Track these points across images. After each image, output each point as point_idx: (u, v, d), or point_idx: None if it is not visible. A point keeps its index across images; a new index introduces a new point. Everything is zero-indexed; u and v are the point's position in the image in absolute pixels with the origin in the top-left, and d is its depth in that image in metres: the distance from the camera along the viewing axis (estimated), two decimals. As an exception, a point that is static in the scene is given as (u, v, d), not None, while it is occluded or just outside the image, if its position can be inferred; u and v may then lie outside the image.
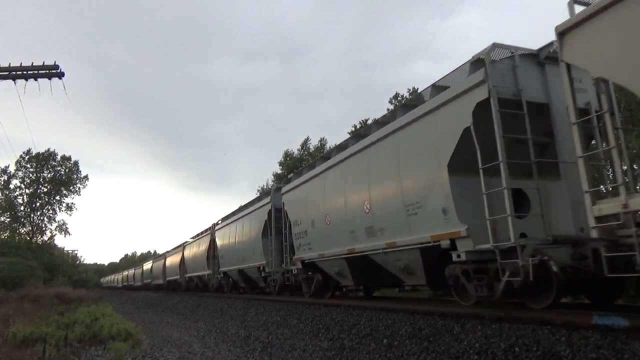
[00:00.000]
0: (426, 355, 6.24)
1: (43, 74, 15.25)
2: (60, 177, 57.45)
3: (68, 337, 10.24)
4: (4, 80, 15.11)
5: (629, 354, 4.48)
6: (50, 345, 9.05)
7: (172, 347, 9.98)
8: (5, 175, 54.82)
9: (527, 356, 5.18)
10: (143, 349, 9.45)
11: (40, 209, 56.99)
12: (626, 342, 4.68)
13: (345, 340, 7.90)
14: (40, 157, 55.80)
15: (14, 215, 54.18)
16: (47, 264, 46.04)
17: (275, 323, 10.89)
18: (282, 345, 8.69)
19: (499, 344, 5.66)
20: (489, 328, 6.21)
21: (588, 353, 4.72)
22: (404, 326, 7.47)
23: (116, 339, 10.33)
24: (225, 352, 9.01)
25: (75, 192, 58.43)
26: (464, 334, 6.33)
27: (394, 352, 6.68)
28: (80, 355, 8.95)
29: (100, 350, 9.53)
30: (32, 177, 56.38)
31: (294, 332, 9.55)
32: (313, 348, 8.03)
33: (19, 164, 55.24)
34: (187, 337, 11.63)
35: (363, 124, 32.80)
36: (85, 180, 58.90)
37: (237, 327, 11.79)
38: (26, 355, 8.62)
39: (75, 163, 58.51)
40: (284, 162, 40.91)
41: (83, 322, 12.83)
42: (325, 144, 38.46)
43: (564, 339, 5.16)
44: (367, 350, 7.12)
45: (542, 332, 5.52)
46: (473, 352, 5.75)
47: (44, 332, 10.48)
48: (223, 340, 10.44)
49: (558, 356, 4.91)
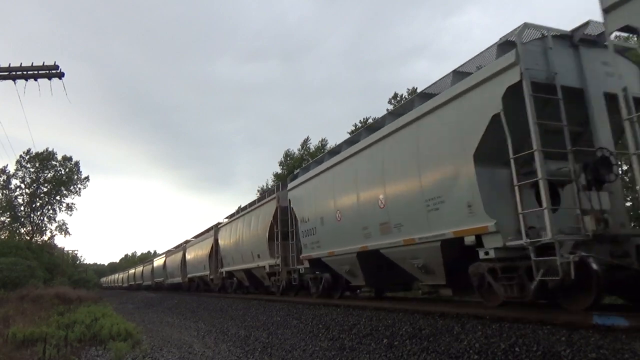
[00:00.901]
0: (426, 355, 6.24)
1: (43, 74, 15.21)
2: (60, 177, 57.51)
3: (68, 337, 10.25)
4: (4, 80, 15.10)
5: (629, 354, 4.48)
6: (50, 346, 9.05)
7: (172, 347, 9.98)
8: (5, 175, 54.98)
9: (527, 356, 5.18)
10: (143, 349, 9.45)
11: (40, 209, 57.11)
12: (626, 342, 4.68)
13: (346, 341, 7.91)
14: (40, 157, 55.86)
15: (14, 215, 54.22)
16: (47, 264, 46.07)
17: (275, 323, 10.90)
18: (282, 346, 8.69)
19: (499, 344, 5.66)
20: (489, 328, 6.22)
21: (588, 353, 4.73)
22: (404, 326, 7.48)
23: (116, 339, 10.33)
24: (225, 352, 9.01)
25: (75, 192, 58.62)
26: (464, 334, 6.33)
27: (394, 352, 6.68)
28: (80, 355, 8.96)
29: (100, 350, 9.54)
30: (32, 177, 56.50)
31: (294, 332, 9.56)
32: (313, 348, 8.03)
33: (19, 164, 55.38)
34: (187, 337, 11.63)
35: (363, 123, 32.83)
36: (86, 181, 59.13)
37: (237, 327, 11.79)
38: (26, 355, 8.63)
39: (76, 163, 58.71)
40: (284, 162, 40.97)
41: (83, 322, 12.84)
42: (326, 144, 38.55)
43: (564, 339, 5.17)
44: (367, 350, 7.12)
45: (542, 332, 5.53)
46: (473, 352, 5.75)
47: (44, 332, 10.49)
48: (223, 341, 10.44)
49: (558, 356, 4.91)
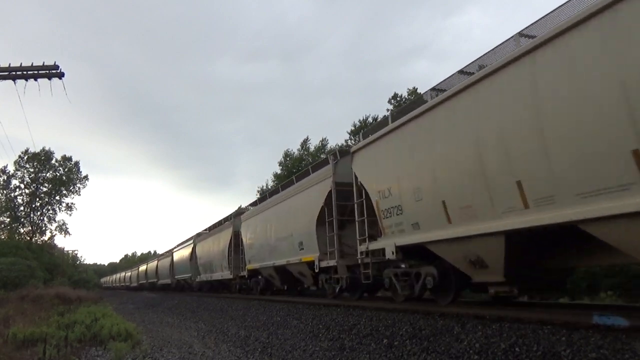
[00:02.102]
0: (426, 355, 6.24)
1: (43, 74, 15.20)
2: (60, 177, 57.53)
3: (68, 338, 10.25)
4: (4, 80, 15.09)
5: (629, 354, 4.48)
6: (50, 346, 9.06)
7: (172, 347, 9.98)
8: (5, 175, 54.98)
9: (527, 356, 5.18)
10: (143, 349, 9.45)
11: (40, 209, 57.10)
12: (626, 342, 4.68)
13: (346, 341, 7.91)
14: (38, 157, 55.86)
15: (13, 215, 54.23)
16: (47, 264, 46.07)
17: (275, 323, 10.90)
18: (282, 346, 8.69)
19: (499, 344, 5.66)
20: (489, 328, 6.22)
21: (588, 353, 4.73)
22: (404, 326, 7.48)
23: (116, 339, 10.34)
24: (225, 352, 9.01)
25: (75, 192, 58.63)
26: (464, 334, 6.34)
27: (394, 352, 6.68)
28: (80, 355, 8.96)
29: (100, 350, 9.54)
30: (31, 177, 56.50)
31: (294, 332, 9.56)
32: (313, 348, 8.04)
33: (18, 164, 55.35)
34: (188, 337, 11.63)
35: (363, 123, 32.83)
36: (85, 180, 59.15)
37: (238, 327, 11.80)
38: (26, 355, 8.63)
39: (75, 163, 58.72)
40: (283, 162, 40.91)
41: (83, 323, 12.84)
42: (327, 143, 38.47)
43: (564, 339, 5.17)
44: (367, 351, 7.13)
45: (542, 332, 5.53)
46: (473, 352, 5.76)
47: (44, 333, 10.49)
48: (223, 341, 10.44)
49: (558, 356, 4.92)
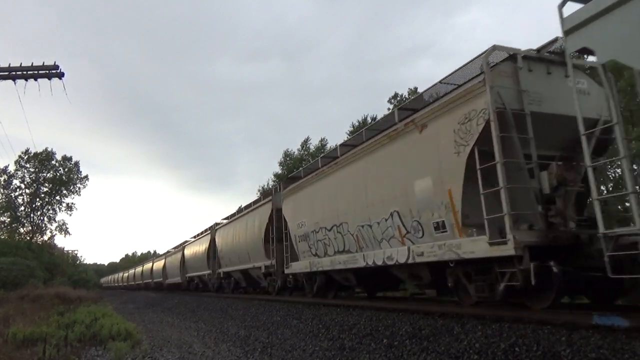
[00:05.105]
0: (426, 355, 6.23)
1: (43, 74, 15.21)
2: (60, 177, 57.53)
3: (68, 337, 10.25)
4: (4, 80, 15.10)
5: (629, 354, 4.47)
6: (50, 346, 9.06)
7: (172, 347, 9.98)
8: (6, 175, 54.97)
9: (527, 356, 5.18)
10: (143, 349, 9.45)
11: (40, 209, 57.09)
12: (626, 342, 4.68)
13: (345, 341, 7.90)
14: (39, 157, 55.88)
15: (14, 215, 54.23)
16: (47, 264, 46.11)
17: (275, 323, 10.89)
18: (282, 345, 8.69)
19: (499, 344, 5.66)
20: (489, 328, 6.22)
21: (588, 353, 4.72)
22: (404, 326, 7.47)
23: (116, 339, 10.34)
24: (225, 352, 9.01)
25: (75, 192, 58.65)
26: (464, 334, 6.33)
27: (394, 352, 6.68)
28: (80, 355, 8.95)
29: (100, 350, 9.53)
30: (32, 177, 56.51)
31: (294, 332, 9.56)
32: (313, 348, 8.03)
33: (18, 164, 55.35)
34: (188, 337, 11.63)
35: (363, 122, 32.81)
36: (85, 180, 59.16)
37: (238, 327, 11.79)
38: (26, 355, 8.63)
39: (76, 163, 58.74)
40: (283, 162, 40.90)
41: (83, 322, 12.83)
42: (326, 143, 38.44)
43: (564, 339, 5.16)
44: (367, 350, 7.12)
45: (542, 332, 5.52)
46: (473, 352, 5.75)
47: (44, 332, 10.49)
48: (223, 340, 10.44)
49: (558, 356, 4.91)
